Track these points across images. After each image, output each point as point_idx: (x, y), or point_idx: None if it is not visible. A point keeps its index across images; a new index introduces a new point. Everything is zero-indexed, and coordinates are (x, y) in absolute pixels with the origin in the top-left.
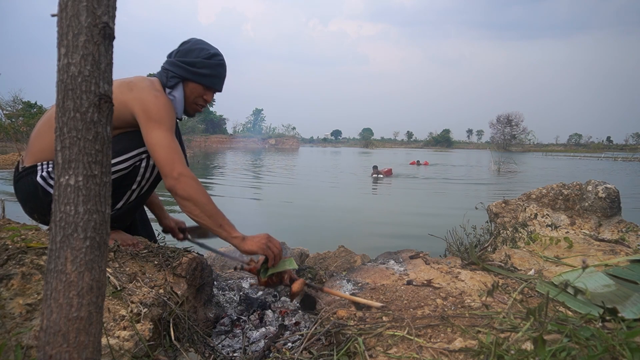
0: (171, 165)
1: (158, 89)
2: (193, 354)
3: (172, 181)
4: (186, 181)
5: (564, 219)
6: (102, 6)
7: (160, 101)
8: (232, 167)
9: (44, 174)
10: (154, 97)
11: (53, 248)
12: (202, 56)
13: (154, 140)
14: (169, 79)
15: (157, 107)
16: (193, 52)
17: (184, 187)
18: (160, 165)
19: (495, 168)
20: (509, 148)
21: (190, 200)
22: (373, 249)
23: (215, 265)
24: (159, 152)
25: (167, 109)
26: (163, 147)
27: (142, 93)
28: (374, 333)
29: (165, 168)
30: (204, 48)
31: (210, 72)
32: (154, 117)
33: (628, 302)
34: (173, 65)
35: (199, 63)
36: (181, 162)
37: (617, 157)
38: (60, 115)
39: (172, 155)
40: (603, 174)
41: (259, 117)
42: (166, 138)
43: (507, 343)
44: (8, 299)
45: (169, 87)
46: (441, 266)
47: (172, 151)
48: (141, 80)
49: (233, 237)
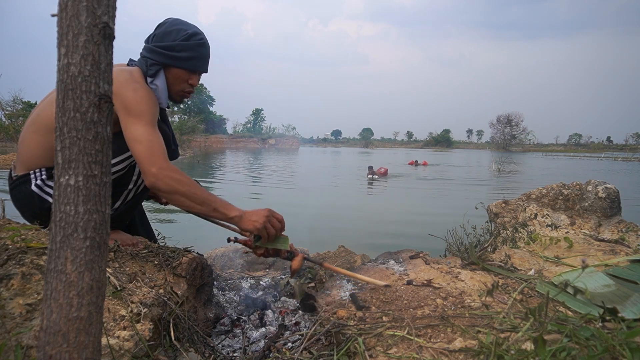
0: (149, 160)
1: (138, 81)
2: (193, 354)
3: (151, 178)
4: (167, 174)
5: (564, 219)
6: (102, 6)
7: (139, 94)
8: (231, 167)
9: (39, 182)
10: (132, 90)
11: (53, 248)
12: (179, 38)
13: (132, 136)
14: (148, 67)
15: (135, 101)
16: (170, 34)
17: (166, 182)
18: (138, 161)
19: (495, 168)
20: (509, 148)
21: (176, 193)
22: (373, 249)
23: (215, 265)
24: (137, 147)
25: (146, 101)
26: (141, 142)
27: (120, 88)
28: (374, 333)
29: (144, 164)
30: (181, 29)
31: (191, 55)
32: (133, 111)
33: (628, 302)
34: (151, 52)
35: (177, 46)
36: (160, 156)
37: (617, 157)
38: (60, 115)
39: (151, 151)
40: (603, 174)
41: (259, 117)
42: (145, 132)
43: (507, 343)
44: (8, 299)
45: (150, 76)
46: (441, 266)
47: (151, 145)
48: (119, 73)
49: (230, 218)
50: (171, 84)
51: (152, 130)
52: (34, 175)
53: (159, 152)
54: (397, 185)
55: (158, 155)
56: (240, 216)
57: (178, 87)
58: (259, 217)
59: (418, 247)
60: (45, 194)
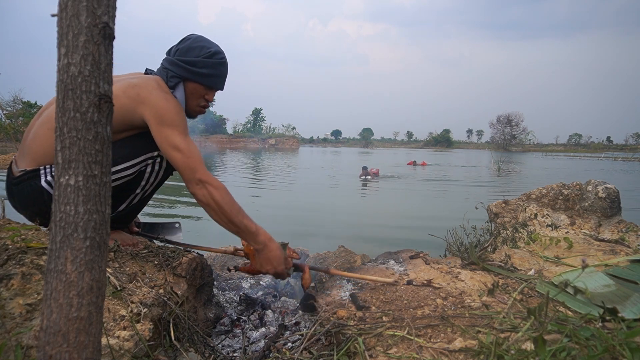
0: (192, 171)
1: (167, 91)
2: (193, 354)
3: (193, 187)
4: (207, 188)
5: (564, 219)
6: (102, 6)
7: (171, 104)
8: (232, 167)
9: (49, 178)
10: (164, 100)
11: (53, 248)
12: (202, 55)
13: (170, 145)
14: (169, 78)
15: (169, 111)
16: (193, 50)
17: (204, 194)
18: (180, 170)
19: (495, 168)
20: (509, 148)
21: (209, 207)
22: (373, 249)
23: (215, 265)
24: (177, 156)
25: (178, 111)
26: (181, 150)
27: (152, 97)
28: (374, 333)
29: (186, 174)
30: (204, 46)
31: (212, 72)
32: (167, 121)
33: (628, 302)
34: (173, 65)
35: (199, 62)
36: (201, 168)
37: (617, 157)
38: (60, 115)
39: (192, 161)
40: (603, 174)
41: (259, 116)
42: (183, 141)
43: (507, 343)
44: (8, 299)
45: (170, 87)
46: (441, 266)
47: (191, 156)
48: (146, 81)
49: (253, 245)
50: (188, 97)
51: (188, 139)
52: (44, 171)
53: (199, 163)
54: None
55: (200, 166)
56: (258, 251)
57: (195, 101)
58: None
59: (418, 247)
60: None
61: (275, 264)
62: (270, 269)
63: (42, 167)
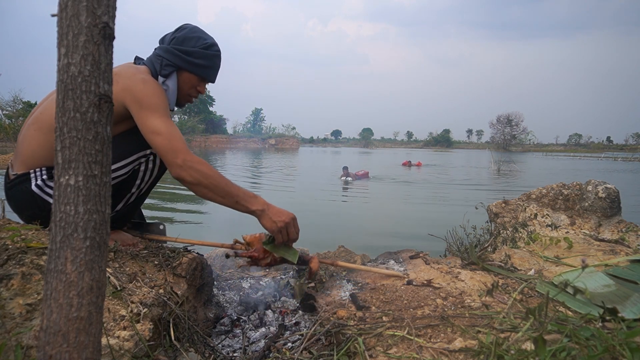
0: (173, 152)
1: (145, 74)
2: (193, 354)
3: (177, 169)
4: (191, 165)
5: (564, 219)
6: (102, 6)
7: (149, 86)
8: (232, 167)
9: (39, 182)
10: (141, 83)
11: (53, 248)
12: (199, 46)
13: (150, 128)
14: (163, 66)
15: (146, 93)
16: (190, 40)
17: (191, 173)
18: (161, 154)
19: (495, 168)
20: (509, 148)
21: (199, 185)
22: (373, 249)
23: (215, 265)
24: (157, 139)
25: (158, 94)
26: (160, 133)
27: (129, 81)
28: (374, 333)
29: (168, 156)
30: (201, 37)
31: (207, 63)
32: (146, 104)
33: (628, 302)
34: (168, 53)
35: (195, 53)
36: (183, 148)
37: (617, 157)
38: (60, 115)
39: (173, 142)
40: (603, 174)
41: (259, 116)
42: (163, 124)
43: (507, 343)
44: (8, 299)
45: (162, 76)
46: (441, 266)
47: (171, 137)
48: (125, 68)
49: (252, 211)
50: (181, 87)
51: (169, 121)
52: (34, 175)
53: (181, 143)
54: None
55: (180, 146)
56: (262, 210)
57: (186, 91)
58: (282, 217)
59: (418, 247)
60: (46, 194)
61: (284, 216)
62: (280, 223)
63: (32, 170)
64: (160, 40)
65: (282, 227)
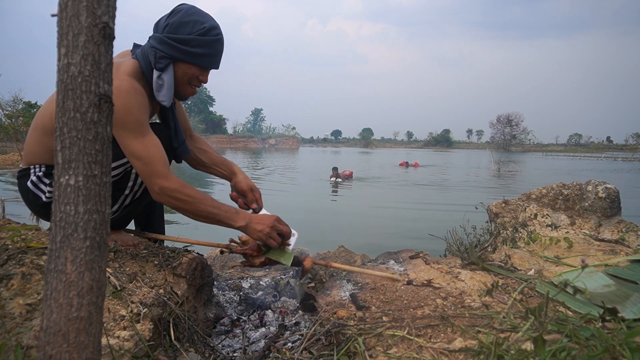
0: (150, 178)
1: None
2: (193, 354)
3: (155, 195)
4: (169, 194)
5: (564, 219)
6: (102, 6)
7: (120, 101)
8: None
9: (34, 178)
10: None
11: (53, 248)
12: (196, 32)
13: (128, 151)
14: (157, 59)
15: (117, 110)
16: (185, 26)
17: (168, 200)
18: (141, 177)
19: (495, 168)
20: (509, 148)
21: (178, 209)
22: (373, 249)
23: (215, 265)
24: (136, 165)
25: (128, 108)
26: (138, 158)
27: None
28: (374, 333)
29: (146, 181)
30: (198, 20)
31: (207, 51)
32: (119, 122)
33: (628, 302)
34: (162, 43)
35: (192, 41)
36: (161, 172)
37: (617, 157)
38: (60, 115)
39: (150, 167)
40: (603, 174)
41: (259, 116)
42: (140, 145)
43: (507, 343)
44: (8, 299)
45: (158, 70)
46: (441, 266)
47: (149, 162)
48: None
49: (237, 227)
50: (179, 79)
51: (145, 141)
52: (33, 171)
53: (159, 166)
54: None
55: (158, 170)
56: (246, 225)
57: (186, 83)
58: (265, 223)
59: (418, 247)
60: (39, 190)
61: (267, 222)
62: (266, 229)
63: (32, 166)
64: (155, 26)
65: (268, 232)
